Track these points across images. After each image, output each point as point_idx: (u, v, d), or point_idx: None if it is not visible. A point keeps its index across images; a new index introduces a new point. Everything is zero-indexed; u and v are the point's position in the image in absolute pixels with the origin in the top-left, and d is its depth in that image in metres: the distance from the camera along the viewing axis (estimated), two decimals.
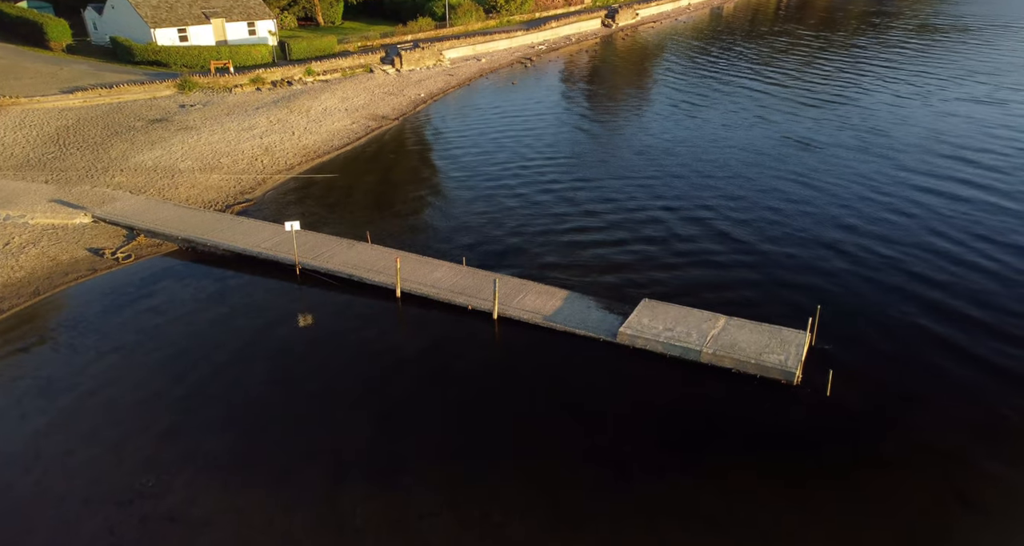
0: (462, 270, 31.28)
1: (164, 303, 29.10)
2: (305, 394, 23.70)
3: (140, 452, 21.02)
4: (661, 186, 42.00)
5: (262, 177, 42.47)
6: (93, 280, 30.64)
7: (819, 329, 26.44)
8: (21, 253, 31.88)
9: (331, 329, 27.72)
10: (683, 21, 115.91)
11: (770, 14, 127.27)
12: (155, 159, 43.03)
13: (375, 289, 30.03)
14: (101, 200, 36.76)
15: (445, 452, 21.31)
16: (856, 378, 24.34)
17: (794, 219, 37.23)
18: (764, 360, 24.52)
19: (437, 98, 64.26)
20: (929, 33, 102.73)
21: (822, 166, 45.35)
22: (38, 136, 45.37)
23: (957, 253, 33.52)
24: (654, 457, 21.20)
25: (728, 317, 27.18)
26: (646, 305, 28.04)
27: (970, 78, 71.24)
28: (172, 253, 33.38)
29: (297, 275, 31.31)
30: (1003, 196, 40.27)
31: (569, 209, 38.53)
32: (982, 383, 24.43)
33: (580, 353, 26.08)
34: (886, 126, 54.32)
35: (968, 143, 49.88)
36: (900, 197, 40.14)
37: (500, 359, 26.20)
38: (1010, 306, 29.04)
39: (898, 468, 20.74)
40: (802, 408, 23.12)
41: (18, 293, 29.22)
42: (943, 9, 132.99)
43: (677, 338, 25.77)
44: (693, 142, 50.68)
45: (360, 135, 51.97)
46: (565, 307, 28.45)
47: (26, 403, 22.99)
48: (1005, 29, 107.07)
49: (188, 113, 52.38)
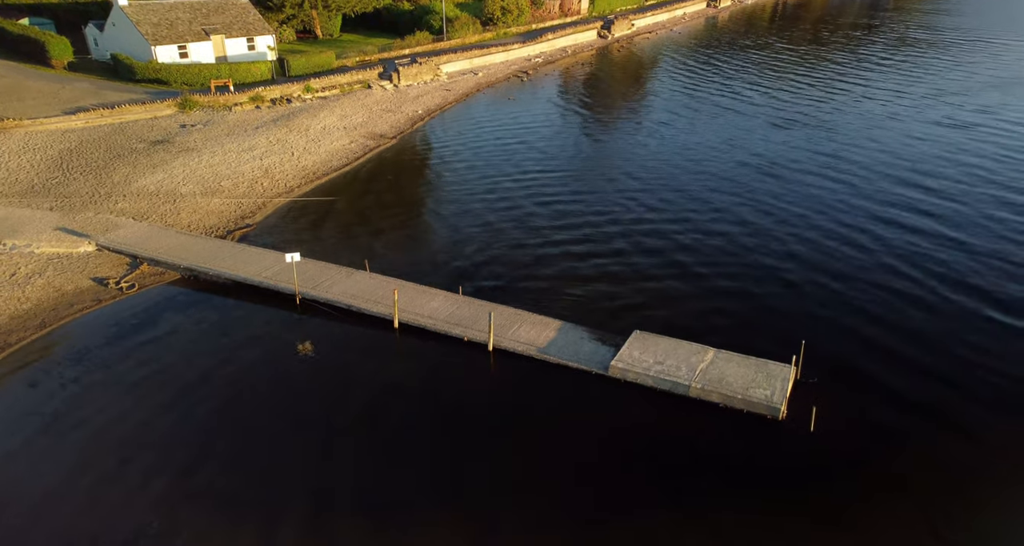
0: (458, 300, 32.05)
1: (167, 335, 29.85)
2: (306, 431, 24.44)
3: (146, 492, 21.75)
4: (652, 216, 42.78)
5: (262, 201, 43.21)
6: (98, 311, 31.37)
7: (804, 361, 27.24)
8: (27, 284, 32.61)
9: (331, 362, 28.45)
10: (678, 32, 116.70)
11: (763, 24, 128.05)
12: (157, 183, 43.75)
13: (374, 320, 30.79)
14: (105, 227, 37.49)
15: (439, 488, 22.07)
16: (839, 413, 25.13)
17: (778, 247, 38.06)
18: (750, 395, 25.31)
19: (435, 115, 65.01)
20: (910, 47, 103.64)
21: (785, 192, 46.25)
22: (42, 160, 46.08)
23: (939, 287, 34.36)
24: (642, 492, 21.99)
25: (717, 350, 27.98)
26: (637, 337, 28.81)
27: (941, 98, 71.57)
28: (175, 281, 34.09)
29: (297, 305, 32.06)
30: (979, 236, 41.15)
31: (562, 234, 39.25)
32: (962, 418, 25.23)
33: (573, 386, 26.86)
34: (861, 152, 55.17)
35: (949, 173, 50.76)
36: (866, 229, 41.01)
37: (496, 394, 26.94)
38: (988, 342, 29.85)
39: (876, 505, 21.53)
40: (786, 444, 23.92)
41: (24, 326, 29.96)
42: (928, 21, 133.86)
43: (667, 372, 26.56)
44: (679, 164, 51.52)
45: (359, 155, 52.71)
46: (559, 338, 29.23)
47: (35, 441, 23.74)
48: (981, 43, 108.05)
49: (189, 134, 53.11)
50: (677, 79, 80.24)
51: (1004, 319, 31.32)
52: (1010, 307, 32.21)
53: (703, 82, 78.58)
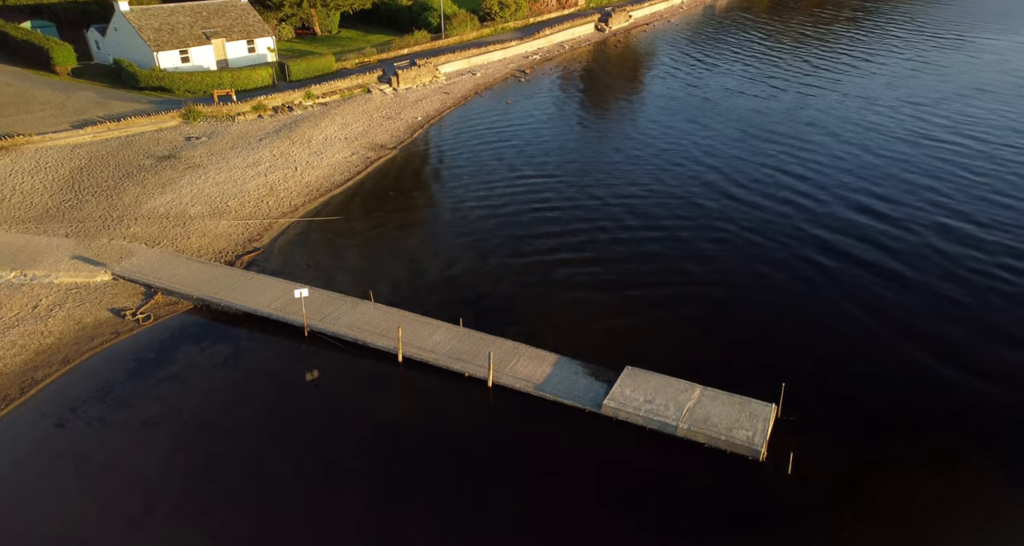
0: (459, 332, 33.71)
1: (183, 370, 31.55)
2: (317, 471, 26.27)
3: (169, 537, 23.60)
4: (655, 248, 44.38)
5: (268, 221, 44.70)
6: (117, 345, 33.01)
7: (785, 399, 29.03)
8: (49, 316, 34.23)
9: (338, 398, 30.22)
10: (675, 22, 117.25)
11: (762, 10, 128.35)
12: (167, 205, 45.20)
13: (379, 353, 32.49)
14: (119, 255, 39.02)
15: (438, 526, 23.96)
16: (816, 455, 26.95)
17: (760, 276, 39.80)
18: (733, 436, 27.12)
19: (433, 121, 66.20)
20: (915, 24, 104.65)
21: (760, 217, 47.88)
22: (54, 180, 47.45)
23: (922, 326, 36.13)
24: (627, 534, 23.87)
25: (703, 387, 29.75)
26: (628, 374, 30.55)
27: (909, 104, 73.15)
28: (188, 311, 35.71)
29: (305, 337, 33.73)
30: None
31: (560, 255, 40.87)
32: (933, 462, 27.08)
33: (568, 425, 28.67)
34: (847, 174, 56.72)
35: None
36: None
37: (494, 431, 28.73)
38: (966, 381, 31.65)
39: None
40: (765, 485, 25.78)
41: (49, 361, 31.63)
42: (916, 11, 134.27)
43: (656, 412, 28.34)
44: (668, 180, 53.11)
45: (360, 168, 54.07)
46: (554, 374, 30.95)
47: (65, 483, 25.54)
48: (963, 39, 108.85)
49: (195, 148, 54.39)
50: (676, 79, 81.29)
51: (980, 364, 33.13)
52: (991, 350, 33.96)
53: (704, 83, 79.70)
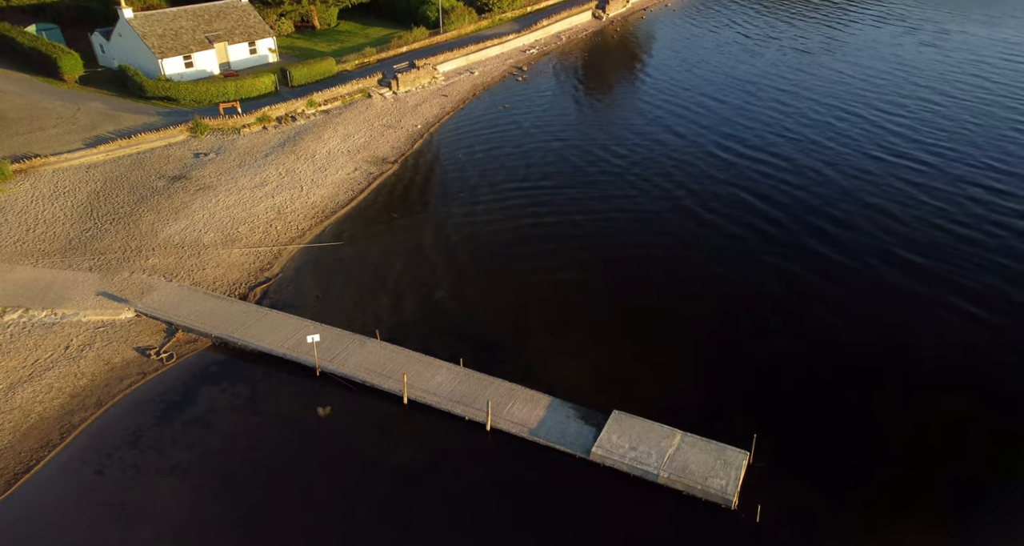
0: (460, 373, 36.50)
1: (207, 413, 34.38)
2: (332, 517, 29.28)
3: None
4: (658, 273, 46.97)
5: (277, 249, 47.20)
6: (144, 386, 35.77)
7: (757, 446, 31.95)
8: (80, 357, 36.96)
9: (348, 442, 33.08)
10: (671, 6, 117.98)
11: None
12: (181, 233, 47.63)
13: (385, 395, 35.31)
14: (140, 290, 41.61)
15: None
16: (785, 503, 29.93)
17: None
18: (708, 485, 30.12)
19: (433, 129, 68.12)
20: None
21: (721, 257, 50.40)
22: (73, 207, 49.77)
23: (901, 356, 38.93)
24: None
25: (683, 433, 32.69)
26: (615, 418, 33.45)
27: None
28: (208, 348, 38.44)
29: (317, 376, 36.51)
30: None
31: (557, 287, 43.51)
32: (895, 511, 30.09)
33: (558, 469, 31.66)
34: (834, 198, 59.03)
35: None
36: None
37: (492, 475, 31.69)
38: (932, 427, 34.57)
39: None
40: (735, 533, 28.79)
41: (84, 405, 34.44)
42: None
43: (639, 460, 31.31)
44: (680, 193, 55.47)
45: (363, 186, 56.33)
46: (547, 418, 33.83)
47: (109, 534, 28.49)
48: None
49: (204, 166, 56.56)
50: (677, 78, 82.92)
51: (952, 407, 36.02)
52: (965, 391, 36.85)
53: (705, 82, 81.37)
